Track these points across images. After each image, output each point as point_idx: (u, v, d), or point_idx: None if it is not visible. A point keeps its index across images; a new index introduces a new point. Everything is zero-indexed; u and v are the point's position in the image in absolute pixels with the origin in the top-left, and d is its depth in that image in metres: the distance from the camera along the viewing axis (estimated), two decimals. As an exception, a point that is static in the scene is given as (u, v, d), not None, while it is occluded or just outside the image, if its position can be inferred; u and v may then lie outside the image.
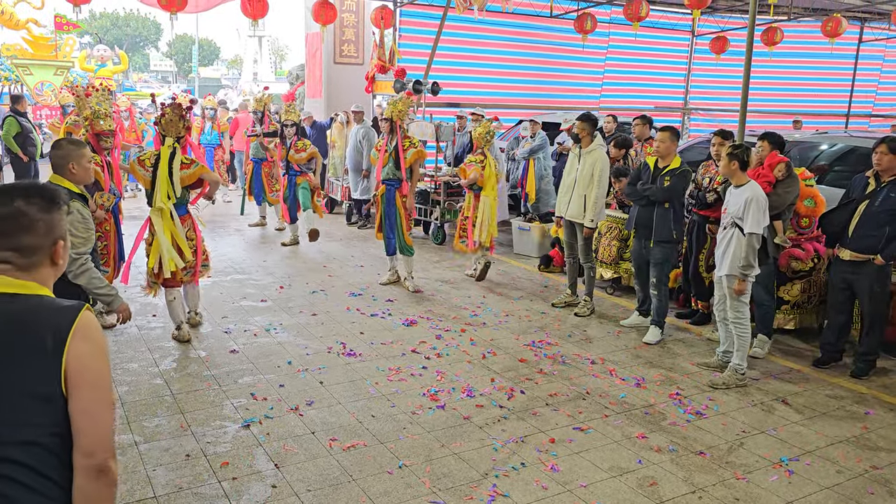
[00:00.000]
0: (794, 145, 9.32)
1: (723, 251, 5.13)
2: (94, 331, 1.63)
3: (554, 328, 6.25)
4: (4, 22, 17.41)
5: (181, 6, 9.46)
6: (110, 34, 59.38)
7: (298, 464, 3.82)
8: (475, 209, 7.55)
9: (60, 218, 1.73)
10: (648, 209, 5.79)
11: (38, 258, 1.68)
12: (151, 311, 6.28)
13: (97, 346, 1.62)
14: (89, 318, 1.64)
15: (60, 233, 1.73)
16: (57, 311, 1.61)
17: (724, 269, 5.10)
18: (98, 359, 1.62)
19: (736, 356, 5.11)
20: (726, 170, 5.08)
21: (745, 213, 4.90)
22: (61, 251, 1.73)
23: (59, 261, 1.74)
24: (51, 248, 1.70)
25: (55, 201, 1.71)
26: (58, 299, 1.67)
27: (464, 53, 12.86)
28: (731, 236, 5.05)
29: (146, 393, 4.63)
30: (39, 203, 1.68)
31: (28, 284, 1.66)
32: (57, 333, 1.57)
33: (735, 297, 5.05)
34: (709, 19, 14.73)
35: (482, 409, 4.57)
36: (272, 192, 10.09)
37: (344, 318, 6.28)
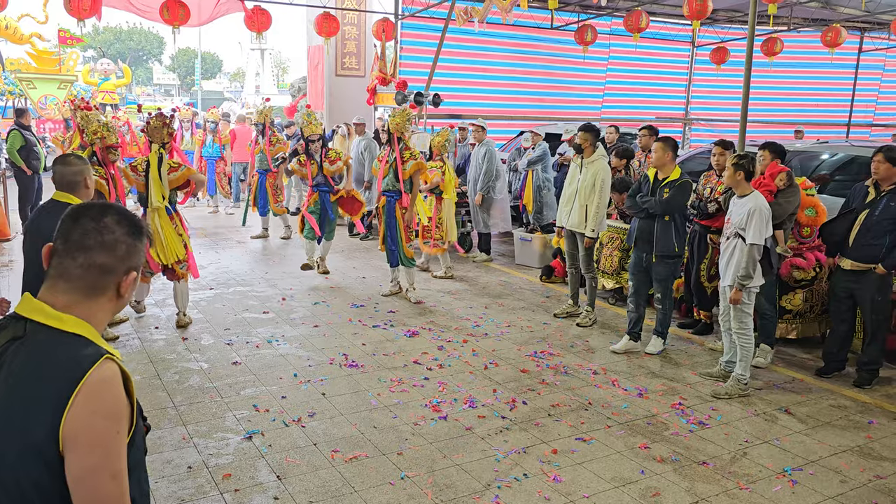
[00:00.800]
0: (796, 155, 9.34)
1: (726, 261, 5.12)
2: (105, 387, 1.46)
3: (556, 339, 6.25)
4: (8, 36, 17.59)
5: (184, 20, 9.55)
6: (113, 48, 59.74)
7: (300, 475, 3.81)
8: (438, 211, 8.40)
9: (142, 248, 1.63)
10: (649, 222, 5.72)
11: (105, 282, 1.57)
12: (154, 324, 6.29)
13: (102, 405, 1.45)
14: (103, 372, 1.47)
15: (136, 263, 1.63)
16: (71, 363, 1.46)
17: (728, 280, 5.09)
18: (99, 418, 1.44)
19: (739, 366, 5.10)
20: (731, 180, 5.07)
21: (748, 223, 4.90)
22: (131, 283, 1.61)
23: (125, 293, 1.61)
24: (122, 276, 1.59)
25: (142, 230, 1.64)
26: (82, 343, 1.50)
27: (465, 65, 12.93)
28: (734, 246, 5.04)
29: (148, 405, 4.62)
30: (128, 227, 1.60)
31: (63, 318, 1.51)
32: (60, 388, 1.43)
33: (735, 306, 5.05)
34: (709, 30, 14.80)
35: (484, 419, 4.57)
36: (276, 202, 10.15)
37: (346, 330, 6.28)
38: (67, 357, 1.46)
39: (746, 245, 4.91)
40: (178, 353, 5.60)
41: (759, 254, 4.93)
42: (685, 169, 10.04)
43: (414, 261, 7.38)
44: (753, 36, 6.43)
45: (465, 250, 9.82)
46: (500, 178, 9.14)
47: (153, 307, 6.78)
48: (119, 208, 1.63)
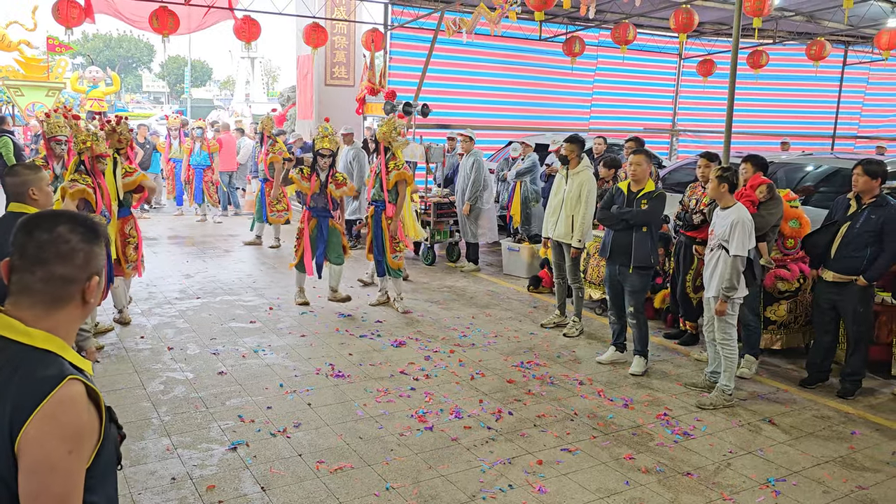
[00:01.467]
0: (781, 167, 9.44)
1: (710, 272, 5.16)
2: (63, 409, 1.43)
3: (543, 349, 6.27)
4: (-4, 43, 17.48)
5: (173, 29, 9.56)
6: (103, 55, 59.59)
7: (285, 486, 3.80)
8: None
9: (101, 252, 1.60)
10: (626, 234, 5.66)
11: (68, 292, 1.54)
12: (139, 333, 6.26)
13: (57, 426, 1.41)
14: (65, 394, 1.44)
15: (97, 268, 1.59)
16: (35, 384, 1.43)
17: (712, 291, 5.13)
18: (52, 440, 1.40)
19: (723, 377, 5.13)
20: (715, 192, 5.11)
21: (731, 235, 4.94)
22: (94, 288, 1.58)
23: (91, 299, 1.59)
24: (85, 283, 1.56)
25: (98, 234, 1.60)
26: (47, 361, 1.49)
27: (454, 76, 12.99)
28: (717, 258, 5.08)
29: (133, 415, 4.60)
30: (83, 233, 1.56)
31: (32, 333, 1.50)
32: (19, 409, 1.41)
33: (720, 317, 5.08)
34: (696, 42, 14.95)
35: (470, 430, 4.57)
36: (272, 211, 10.19)
37: (333, 340, 6.28)
38: (32, 377, 1.44)
39: (730, 257, 4.95)
40: (164, 363, 5.57)
41: (743, 265, 4.98)
42: (672, 180, 10.19)
43: (401, 271, 7.38)
44: (738, 49, 6.50)
45: (453, 260, 9.83)
46: (487, 188, 9.18)
47: (139, 316, 6.75)
48: (71, 215, 1.59)
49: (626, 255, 5.69)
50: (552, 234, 6.69)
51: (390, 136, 7.23)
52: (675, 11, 10.21)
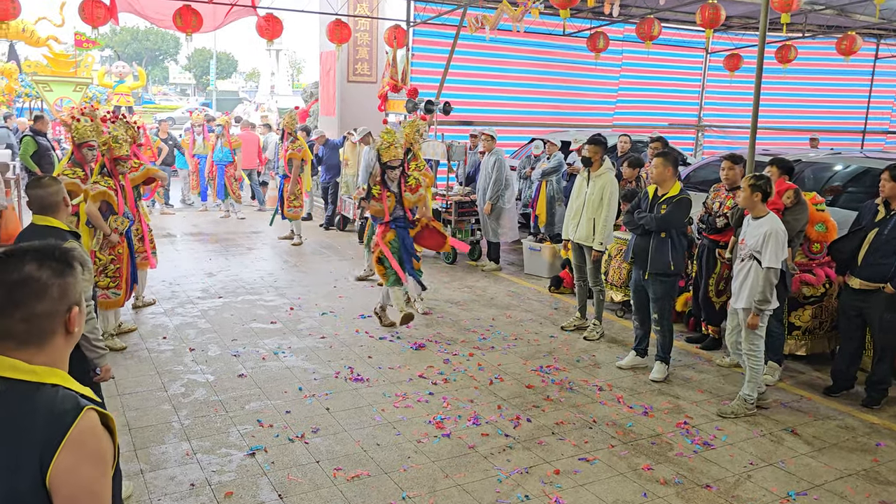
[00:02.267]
0: (808, 166, 9.27)
1: (740, 283, 5.01)
2: (89, 437, 1.48)
3: (563, 353, 6.23)
4: (25, 39, 17.75)
5: (196, 27, 9.61)
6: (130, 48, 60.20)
7: (302, 494, 3.83)
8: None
9: (75, 281, 1.59)
10: (645, 238, 5.59)
11: (50, 327, 1.55)
12: (162, 334, 6.33)
13: (87, 454, 1.47)
14: (86, 424, 1.48)
15: (75, 298, 1.59)
16: (54, 417, 1.47)
17: (742, 302, 4.98)
18: (85, 467, 1.46)
19: (746, 386, 5.06)
20: (748, 201, 4.94)
21: (764, 246, 4.79)
22: (76, 318, 1.59)
23: (75, 328, 1.60)
24: (65, 315, 1.57)
25: (70, 263, 1.59)
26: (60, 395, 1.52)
27: (476, 72, 12.91)
28: (748, 269, 4.93)
29: (154, 419, 4.66)
30: (53, 266, 1.55)
31: (37, 370, 1.52)
32: (47, 445, 1.44)
33: (749, 330, 4.95)
34: (723, 36, 14.68)
35: (488, 437, 4.56)
36: (290, 207, 10.27)
37: (353, 342, 6.30)
38: (49, 412, 1.48)
39: (763, 269, 4.81)
40: (185, 365, 5.63)
41: (777, 277, 4.83)
42: (697, 178, 10.04)
43: (421, 271, 7.37)
44: (764, 43, 6.31)
45: (474, 259, 9.80)
46: (509, 187, 9.13)
47: (161, 316, 6.83)
48: (36, 250, 1.57)
49: (645, 260, 5.63)
50: (573, 236, 6.64)
51: (413, 138, 7.22)
52: (701, 6, 10.03)
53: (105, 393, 4.81)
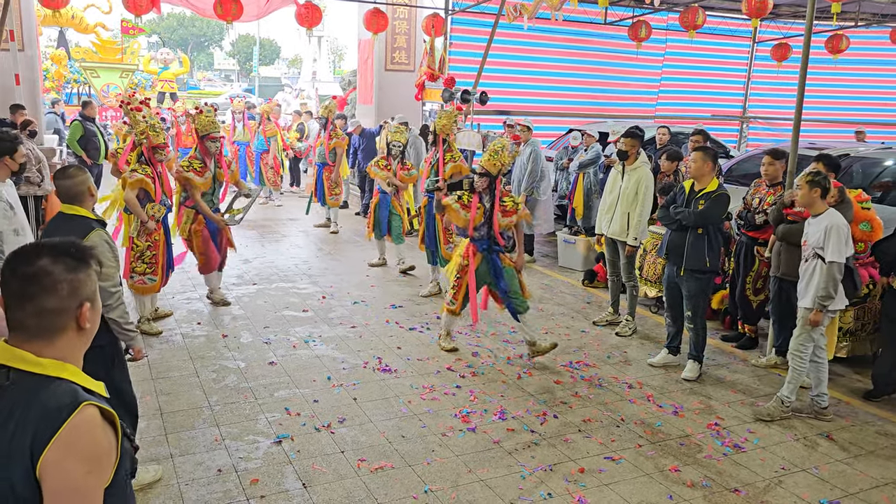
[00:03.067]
0: (856, 160, 8.97)
1: (806, 283, 4.84)
2: (81, 433, 1.49)
3: (593, 348, 6.16)
4: (74, 26, 18.17)
5: (237, 16, 9.69)
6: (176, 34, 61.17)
7: (326, 484, 3.86)
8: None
9: (88, 278, 1.61)
10: (681, 234, 5.48)
11: (61, 323, 1.57)
12: (196, 319, 6.44)
13: (77, 451, 1.48)
14: (81, 420, 1.49)
15: (87, 294, 1.61)
16: (52, 411, 1.49)
17: (807, 301, 4.80)
18: (72, 463, 1.47)
19: (786, 388, 4.88)
20: (807, 198, 4.76)
21: (826, 241, 4.64)
22: (88, 314, 1.61)
23: (86, 325, 1.62)
24: (76, 311, 1.59)
25: (84, 260, 1.61)
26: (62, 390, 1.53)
27: (515, 61, 12.79)
28: (814, 267, 4.76)
29: (185, 403, 4.75)
30: (67, 262, 1.57)
31: (44, 363, 1.55)
32: (38, 438, 1.47)
33: (807, 327, 4.78)
34: (771, 25, 14.28)
35: (513, 433, 4.54)
36: (331, 195, 10.36)
37: (383, 332, 6.32)
38: (49, 405, 1.50)
39: (825, 264, 4.66)
40: (218, 351, 5.72)
41: (841, 273, 4.65)
42: (742, 170, 9.80)
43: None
44: (811, 33, 6.07)
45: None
46: (544, 178, 9.04)
47: (197, 302, 6.95)
48: (53, 246, 1.59)
49: (680, 256, 5.51)
50: (606, 231, 6.55)
51: (449, 129, 7.19)
52: (747, -5, 9.76)
53: (139, 377, 4.94)
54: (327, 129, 10.39)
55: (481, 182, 5.61)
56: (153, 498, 3.65)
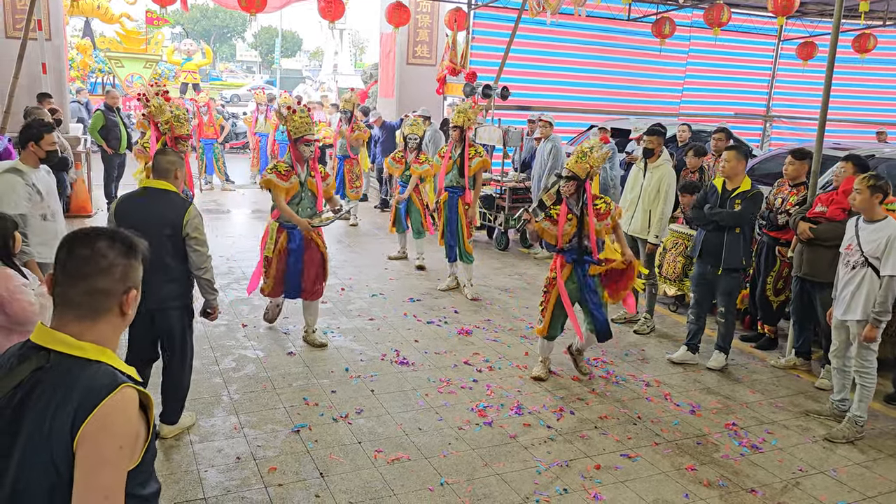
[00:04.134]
0: (882, 161, 8.86)
1: (851, 293, 4.58)
2: (117, 411, 1.57)
3: (611, 345, 6.14)
4: (100, 16, 18.36)
5: (260, 7, 9.74)
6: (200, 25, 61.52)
7: (343, 474, 3.90)
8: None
9: (138, 266, 1.72)
10: (717, 234, 5.50)
11: (108, 304, 1.66)
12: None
13: (110, 426, 1.55)
14: (119, 399, 1.57)
15: (135, 281, 1.71)
16: (92, 392, 1.56)
17: (857, 314, 4.55)
18: (105, 437, 1.54)
19: (858, 407, 4.63)
20: (866, 203, 4.52)
21: (886, 253, 4.40)
22: (132, 301, 1.70)
23: (129, 311, 1.70)
24: (122, 296, 1.67)
25: (135, 248, 1.72)
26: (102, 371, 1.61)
27: (537, 56, 12.74)
28: (862, 276, 4.52)
29: (205, 392, 4.81)
30: (120, 248, 1.68)
31: (85, 346, 1.62)
32: (80, 412, 1.55)
33: (864, 343, 4.57)
34: (797, 23, 14.10)
35: (529, 428, 4.55)
36: (352, 188, 10.41)
37: (400, 325, 6.35)
38: (89, 386, 1.58)
39: (884, 277, 4.41)
40: (237, 340, 5.78)
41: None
42: (765, 169, 9.71)
43: (472, 257, 7.38)
44: (839, 32, 5.98)
45: (526, 246, 9.74)
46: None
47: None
48: (110, 232, 1.69)
49: (717, 256, 5.53)
50: (627, 228, 6.52)
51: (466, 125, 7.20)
52: (773, -7, 9.64)
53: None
54: (350, 121, 10.41)
55: (568, 187, 5.07)
56: (173, 483, 3.71)
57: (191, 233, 3.93)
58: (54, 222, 4.66)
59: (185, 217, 3.91)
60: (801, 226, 5.39)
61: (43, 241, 4.56)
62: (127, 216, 3.84)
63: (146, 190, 4.06)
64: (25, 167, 4.62)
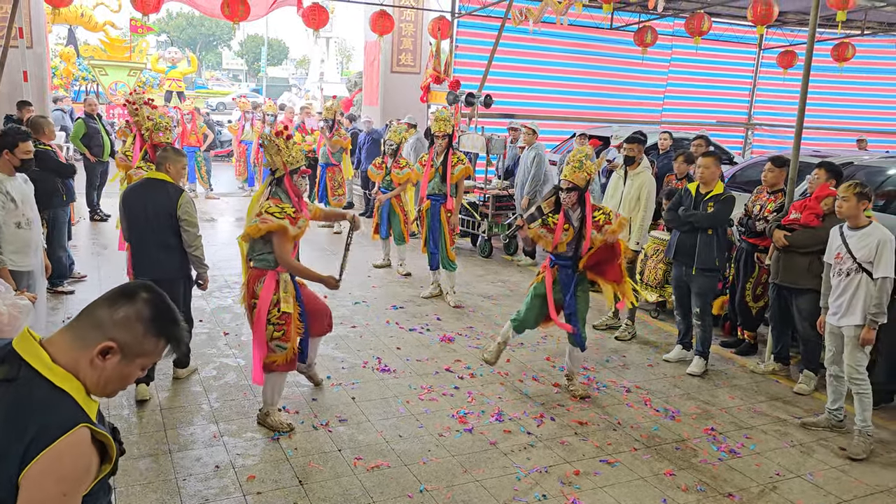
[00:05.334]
0: (860, 169, 8.98)
1: (848, 299, 4.58)
2: (67, 454, 1.53)
3: (592, 352, 6.17)
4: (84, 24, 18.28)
5: (243, 16, 9.76)
6: (185, 33, 61.38)
7: (322, 481, 3.89)
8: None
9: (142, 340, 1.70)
10: (691, 236, 5.65)
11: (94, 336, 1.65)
12: (198, 317, 6.46)
13: (57, 470, 1.51)
14: (71, 442, 1.53)
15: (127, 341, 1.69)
16: (47, 426, 1.53)
17: (855, 318, 4.55)
18: (50, 483, 1.50)
19: (863, 418, 4.60)
20: (853, 210, 4.56)
21: (878, 256, 4.46)
22: (111, 355, 1.67)
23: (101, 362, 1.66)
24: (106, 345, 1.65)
25: (158, 332, 1.72)
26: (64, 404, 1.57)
27: (520, 65, 12.83)
28: (858, 282, 4.53)
29: (185, 400, 4.79)
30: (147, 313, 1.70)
31: (55, 370, 1.59)
32: (29, 450, 1.51)
33: (859, 347, 4.56)
34: (777, 32, 14.30)
35: (510, 434, 4.56)
36: (335, 195, 10.40)
37: (383, 332, 6.35)
38: (45, 423, 1.53)
39: (878, 279, 4.46)
40: (219, 349, 5.76)
41: (892, 287, 4.53)
42: (744, 177, 9.81)
43: (455, 264, 7.40)
44: (814, 41, 6.06)
45: (510, 253, 9.78)
46: (548, 182, 9.06)
47: (199, 299, 6.97)
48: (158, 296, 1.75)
49: (691, 256, 5.69)
50: (608, 235, 6.56)
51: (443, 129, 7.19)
52: (753, 2, 9.77)
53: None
54: (331, 129, 10.42)
55: (570, 198, 5.00)
56: (151, 493, 3.69)
57: (182, 216, 4.63)
58: (29, 230, 4.64)
59: (178, 203, 4.64)
60: (776, 234, 5.47)
61: (17, 250, 4.53)
62: (132, 203, 4.70)
63: (147, 181, 4.78)
64: (0, 175, 4.59)
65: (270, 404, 4.47)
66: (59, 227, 6.98)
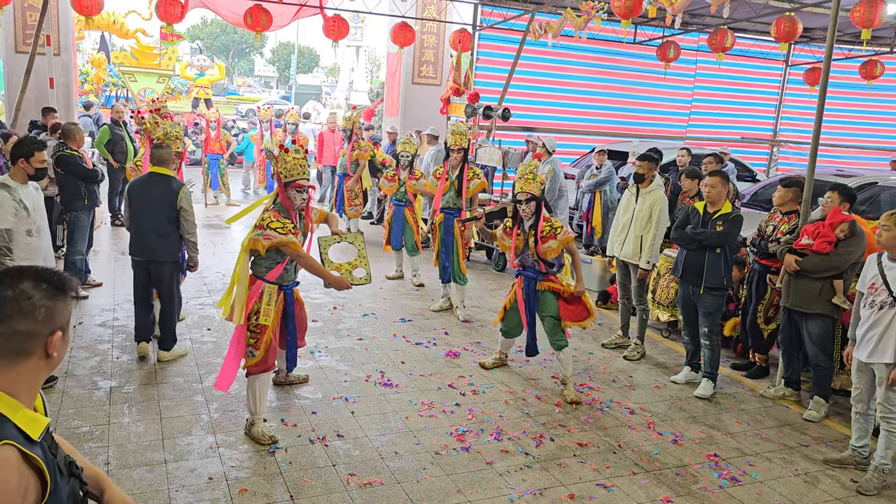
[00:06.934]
0: (885, 189, 8.81)
1: (880, 334, 4.27)
2: None
3: (599, 371, 6.11)
4: (115, 31, 18.65)
5: (266, 26, 9.88)
6: (219, 41, 62.30)
7: (313, 497, 3.88)
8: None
9: (65, 306, 1.63)
10: (699, 254, 5.57)
11: (29, 347, 1.57)
12: (207, 325, 6.53)
13: None
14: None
15: (61, 323, 1.62)
16: None
17: (886, 356, 4.24)
18: None
19: (884, 455, 4.40)
20: (893, 241, 4.28)
21: None
22: (57, 343, 1.61)
23: (54, 353, 1.61)
24: (46, 338, 1.58)
25: (64, 289, 1.63)
26: None
27: (541, 78, 12.81)
28: (892, 318, 4.22)
29: (185, 409, 4.82)
30: (47, 289, 1.59)
31: None
32: None
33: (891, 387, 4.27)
34: (804, 49, 14.10)
35: (507, 454, 4.51)
36: (351, 206, 10.43)
37: (389, 345, 6.34)
38: None
39: None
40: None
41: None
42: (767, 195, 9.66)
43: (466, 278, 7.38)
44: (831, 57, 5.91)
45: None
46: (563, 196, 9.02)
47: (209, 308, 7.05)
48: (37, 271, 1.61)
49: (699, 275, 5.60)
50: (619, 253, 6.50)
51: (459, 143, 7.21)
52: (777, 19, 9.66)
53: (143, 381, 5.05)
54: (351, 140, 10.46)
55: (528, 208, 5.34)
56: (140, 503, 3.71)
57: (183, 206, 5.37)
58: (39, 238, 4.72)
59: (178, 195, 5.37)
60: (787, 258, 5.36)
61: (26, 257, 4.61)
62: (137, 194, 5.39)
63: (152, 174, 5.44)
64: (14, 183, 4.69)
65: (254, 413, 4.52)
66: (80, 230, 7.10)
